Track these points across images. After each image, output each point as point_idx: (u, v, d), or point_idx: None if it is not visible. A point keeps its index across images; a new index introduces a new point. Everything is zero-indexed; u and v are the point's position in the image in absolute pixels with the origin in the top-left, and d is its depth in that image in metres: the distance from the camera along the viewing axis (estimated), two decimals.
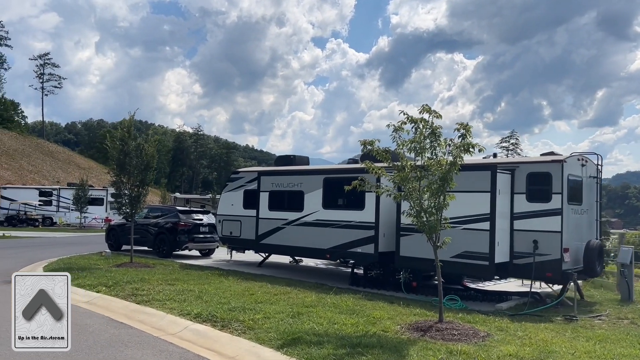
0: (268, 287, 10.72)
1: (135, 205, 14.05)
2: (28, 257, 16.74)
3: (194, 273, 12.69)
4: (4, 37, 78.63)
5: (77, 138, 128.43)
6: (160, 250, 17.39)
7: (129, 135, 13.94)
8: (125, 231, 18.82)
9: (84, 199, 36.70)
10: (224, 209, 16.37)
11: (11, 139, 61.52)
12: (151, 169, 14.15)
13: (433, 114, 7.02)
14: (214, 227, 18.15)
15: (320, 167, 13.43)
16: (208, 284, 10.87)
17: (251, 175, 15.47)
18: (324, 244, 12.63)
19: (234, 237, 15.91)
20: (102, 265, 13.99)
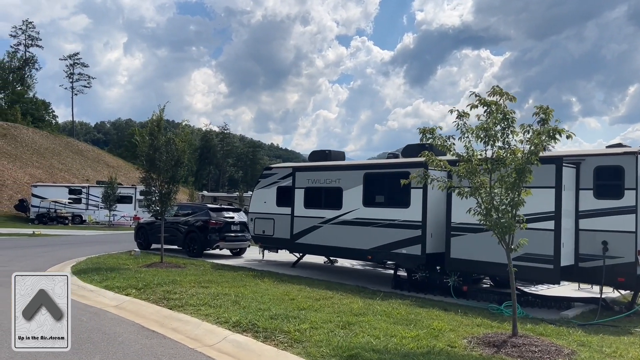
0: (307, 290, 9.94)
1: (166, 202, 13.44)
2: (57, 255, 16.35)
3: (227, 274, 12.00)
4: (36, 38, 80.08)
5: (106, 137, 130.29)
6: (190, 250, 16.80)
7: (159, 129, 13.33)
8: (154, 230, 18.33)
9: (112, 197, 36.63)
10: (256, 206, 15.66)
11: (42, 138, 62.32)
12: (182, 164, 13.52)
13: (505, 96, 6.09)
14: (245, 225, 17.49)
15: (360, 162, 12.58)
16: (243, 286, 10.14)
17: (285, 172, 14.71)
18: (364, 245, 11.78)
19: (266, 236, 15.20)
20: (131, 265, 13.43)
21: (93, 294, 9.50)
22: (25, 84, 77.67)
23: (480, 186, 6.26)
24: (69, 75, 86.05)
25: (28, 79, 79.45)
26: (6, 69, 76.02)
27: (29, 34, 79.06)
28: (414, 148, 12.44)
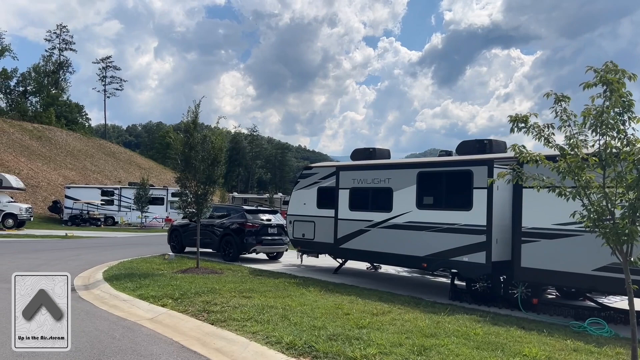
0: (360, 302, 8.92)
1: (202, 204, 12.62)
2: (89, 259, 15.75)
3: (268, 282, 11.08)
4: (69, 42, 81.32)
5: (137, 140, 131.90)
6: (226, 253, 15.98)
7: (195, 126, 12.52)
8: (188, 232, 17.61)
9: (145, 199, 36.32)
10: (295, 208, 14.74)
11: (75, 140, 62.99)
12: (219, 163, 12.67)
13: (621, 73, 4.93)
14: (282, 228, 16.60)
15: (413, 160, 11.51)
16: (289, 297, 9.18)
17: (327, 171, 13.73)
18: (419, 251, 10.69)
19: (306, 239, 14.25)
20: (165, 270, 12.66)
21: (126, 305, 8.69)
22: (59, 87, 78.90)
23: (588, 185, 5.13)
24: (102, 78, 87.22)
25: (62, 82, 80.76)
26: (41, 72, 77.35)
27: (63, 37, 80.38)
28: (471, 145, 11.32)
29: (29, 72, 76.26)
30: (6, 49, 72.06)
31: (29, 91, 76.05)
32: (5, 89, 73.52)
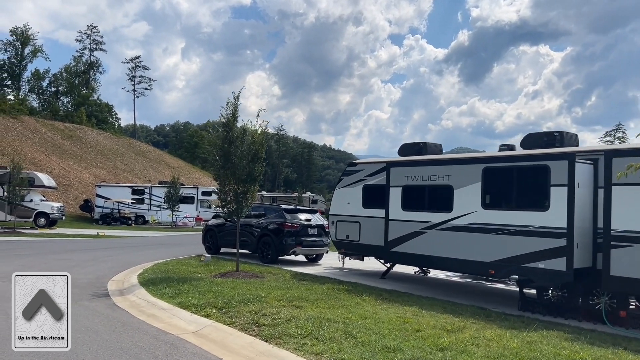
0: (425, 315, 7.91)
1: (242, 203, 11.76)
2: (122, 260, 15.09)
3: (316, 288, 10.14)
4: (99, 42, 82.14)
5: (165, 139, 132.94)
6: (264, 255, 15.11)
7: (234, 119, 11.67)
8: (224, 232, 16.82)
9: (175, 197, 35.88)
10: (338, 208, 13.79)
11: (106, 139, 63.36)
12: (259, 160, 11.79)
13: None
14: (323, 228, 15.65)
15: (478, 155, 10.41)
16: (344, 307, 8.23)
17: (374, 167, 12.73)
18: (485, 256, 9.59)
19: (351, 241, 13.29)
20: (203, 273, 11.85)
21: (166, 314, 7.86)
22: (90, 87, 79.74)
23: None
24: (131, 78, 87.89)
25: (92, 82, 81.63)
26: (72, 73, 78.30)
27: (93, 38, 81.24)
28: (538, 137, 10.17)
29: (60, 72, 77.40)
30: (39, 50, 73.20)
31: (60, 91, 77.11)
32: (38, 89, 74.69)
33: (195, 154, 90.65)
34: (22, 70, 71.77)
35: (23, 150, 44.07)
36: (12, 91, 69.46)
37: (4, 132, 46.88)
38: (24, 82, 72.77)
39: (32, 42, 71.39)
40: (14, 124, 50.11)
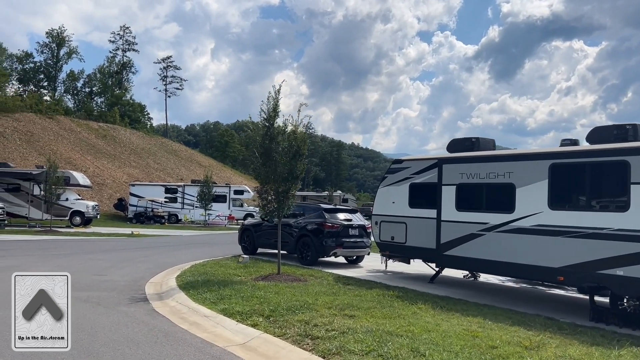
0: (493, 327, 7.14)
1: (283, 202, 11.16)
2: (158, 261, 14.71)
3: (364, 294, 9.45)
4: (132, 43, 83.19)
5: (195, 139, 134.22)
6: (303, 257, 14.50)
7: (275, 114, 11.07)
8: (261, 233, 16.30)
9: (208, 196, 35.69)
10: (382, 207, 13.05)
11: (139, 139, 64.00)
12: (301, 157, 11.16)
13: None
14: (364, 229, 14.96)
15: (544, 150, 9.52)
16: (400, 317, 7.52)
17: (422, 164, 11.95)
18: (552, 261, 8.72)
19: (396, 243, 12.54)
20: (243, 276, 11.30)
21: (209, 323, 7.28)
22: (122, 87, 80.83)
23: None
24: (163, 78, 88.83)
25: (125, 82, 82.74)
26: (106, 73, 79.49)
27: (126, 39, 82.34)
28: (607, 131, 9.22)
29: (94, 73, 78.68)
30: (73, 52, 74.54)
31: (94, 92, 78.36)
32: (73, 89, 76.10)
33: (225, 153, 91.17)
34: (58, 71, 73.23)
35: (59, 149, 44.69)
36: (48, 92, 70.93)
37: (41, 132, 47.69)
38: (59, 83, 74.32)
39: (67, 43, 72.80)
40: (50, 123, 50.97)
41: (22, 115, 48.53)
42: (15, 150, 41.86)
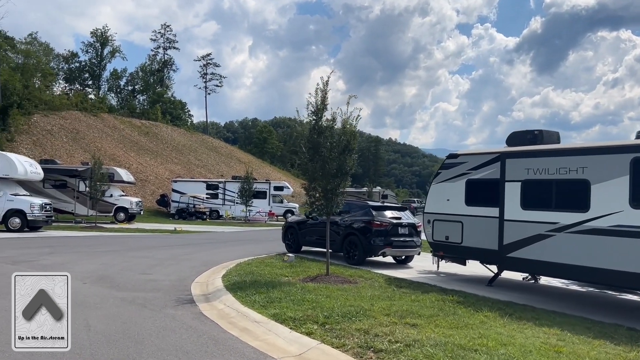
0: (575, 341, 6.39)
1: (331, 199, 10.60)
2: (202, 258, 14.43)
3: (422, 299, 8.79)
4: (173, 40, 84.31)
5: (234, 136, 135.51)
6: (350, 256, 13.92)
7: (324, 106, 10.51)
8: (305, 230, 15.84)
9: (249, 192, 35.57)
10: (436, 205, 12.33)
11: (180, 136, 64.80)
12: (351, 152, 10.57)
13: None
14: (414, 227, 14.26)
15: (624, 143, 8.60)
16: (468, 327, 6.84)
17: (480, 159, 11.16)
18: (637, 266, 7.83)
19: (451, 243, 11.80)
20: (290, 276, 10.83)
21: (260, 329, 6.79)
22: (164, 85, 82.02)
23: None
24: (202, 75, 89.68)
25: (166, 80, 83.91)
26: (147, 71, 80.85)
27: (167, 37, 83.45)
28: None
29: (136, 71, 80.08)
30: (116, 51, 76.02)
31: (136, 90, 79.82)
32: (116, 88, 77.65)
33: (264, 149, 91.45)
34: (102, 70, 74.84)
35: (103, 146, 45.57)
36: (93, 90, 72.65)
37: (86, 129, 48.78)
38: (103, 81, 75.94)
39: (111, 42, 74.25)
40: (94, 121, 52.11)
41: (68, 113, 49.76)
42: (61, 148, 42.91)
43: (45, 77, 53.12)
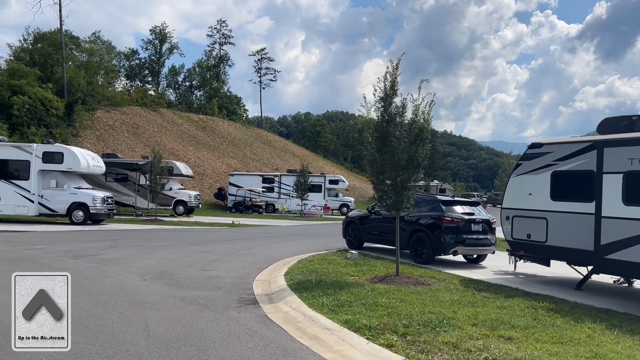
0: None
1: (402, 194, 9.74)
2: (262, 253, 13.93)
3: (509, 305, 7.82)
4: (228, 36, 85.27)
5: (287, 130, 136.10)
6: (417, 254, 13.01)
7: (394, 92, 9.65)
8: (367, 226, 15.06)
9: (304, 186, 35.11)
10: (516, 200, 11.22)
11: (236, 130, 65.37)
12: (424, 141, 9.66)
13: None
14: (489, 224, 13.17)
15: None
16: (573, 342, 5.87)
17: (570, 148, 9.97)
18: None
19: (534, 242, 10.69)
20: (357, 276, 10.09)
21: (333, 338, 6.07)
22: (220, 80, 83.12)
23: None
24: (257, 70, 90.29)
25: (222, 75, 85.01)
26: (204, 67, 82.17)
27: (222, 32, 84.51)
28: None
29: (193, 67, 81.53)
30: (174, 47, 77.69)
31: (194, 85, 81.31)
32: (174, 84, 79.39)
33: (317, 142, 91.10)
34: (161, 67, 76.67)
35: (162, 140, 46.45)
36: (152, 86, 74.56)
37: (146, 124, 49.92)
38: (162, 78, 77.83)
39: (169, 39, 75.94)
40: (154, 116, 53.26)
41: (129, 109, 51.07)
42: (123, 142, 44.03)
43: (107, 74, 54.82)
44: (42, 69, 41.03)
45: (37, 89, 36.75)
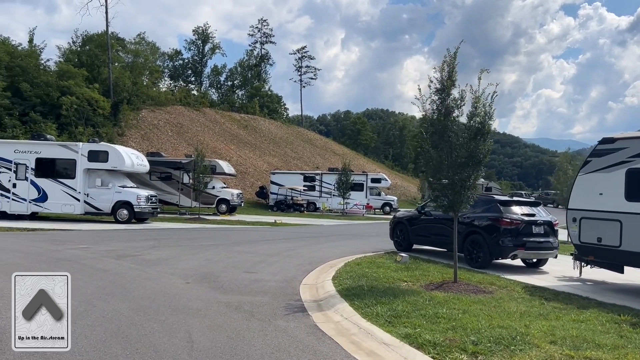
0: None
1: (460, 193, 8.98)
2: (306, 255, 13.41)
3: (585, 318, 6.99)
4: (269, 35, 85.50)
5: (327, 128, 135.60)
6: (472, 258, 12.17)
7: (452, 82, 8.90)
8: (417, 226, 14.31)
9: (346, 185, 34.48)
10: (584, 200, 10.27)
11: (277, 128, 65.40)
12: (485, 135, 8.87)
13: None
14: (551, 226, 12.21)
15: None
16: None
17: None
18: None
19: (605, 246, 9.73)
20: (410, 281, 9.41)
21: (393, 356, 5.43)
22: (261, 79, 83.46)
23: None
24: (298, 69, 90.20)
25: (263, 74, 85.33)
26: (245, 67, 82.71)
27: (263, 31, 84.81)
28: None
29: (235, 67, 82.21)
30: (216, 47, 78.53)
31: (235, 85, 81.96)
32: (217, 83, 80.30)
33: (357, 141, 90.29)
34: (203, 67, 77.68)
35: (205, 139, 46.74)
36: (195, 86, 75.55)
37: (189, 123, 50.43)
38: (204, 77, 78.83)
39: (211, 40, 76.80)
40: (197, 115, 53.78)
41: (173, 108, 51.71)
42: (167, 141, 44.55)
43: (152, 75, 55.70)
44: (89, 69, 41.96)
45: (84, 89, 37.54)
